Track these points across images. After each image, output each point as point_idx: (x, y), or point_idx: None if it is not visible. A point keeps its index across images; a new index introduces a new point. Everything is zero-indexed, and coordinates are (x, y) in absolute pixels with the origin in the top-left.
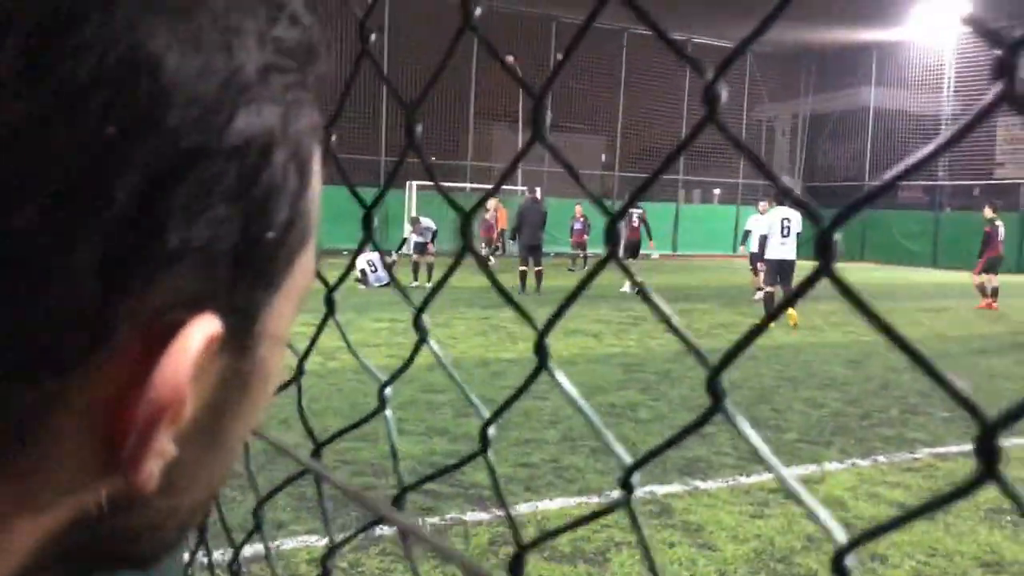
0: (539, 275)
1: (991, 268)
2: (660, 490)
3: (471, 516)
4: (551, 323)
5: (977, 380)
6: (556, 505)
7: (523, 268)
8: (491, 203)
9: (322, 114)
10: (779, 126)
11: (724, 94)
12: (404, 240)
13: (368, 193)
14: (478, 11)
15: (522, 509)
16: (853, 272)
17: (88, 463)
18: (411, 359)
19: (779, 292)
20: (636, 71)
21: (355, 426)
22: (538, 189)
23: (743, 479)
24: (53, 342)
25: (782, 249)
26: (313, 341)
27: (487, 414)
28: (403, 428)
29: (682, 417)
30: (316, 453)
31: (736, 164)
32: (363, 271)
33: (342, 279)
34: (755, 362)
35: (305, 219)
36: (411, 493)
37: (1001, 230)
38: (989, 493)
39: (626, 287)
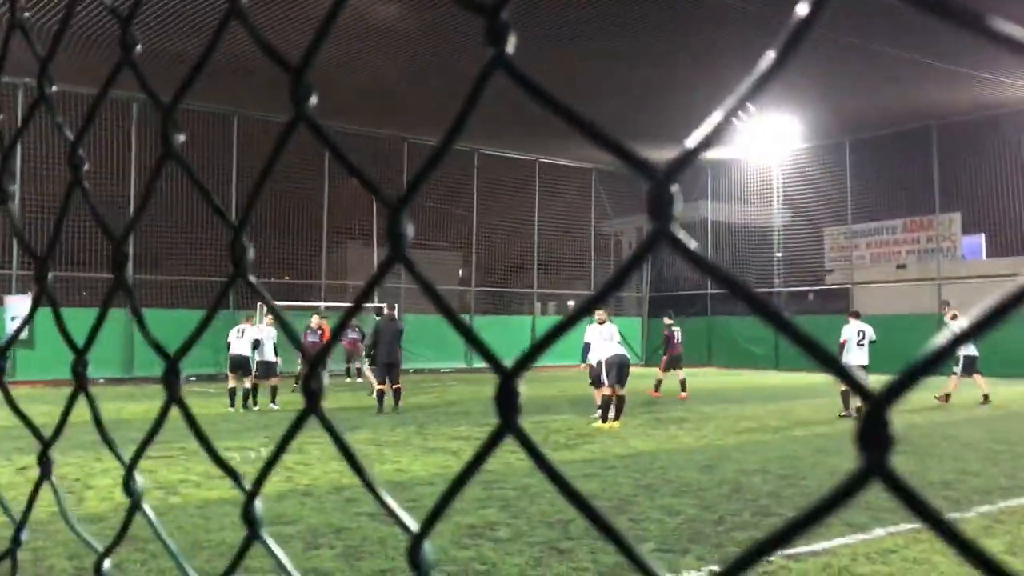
0: (397, 393)
1: (673, 365)
2: None
3: None
4: None
5: (819, 478)
6: None
7: (380, 387)
8: (314, 321)
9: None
10: (625, 239)
11: (679, 205)
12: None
13: (222, 316)
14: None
15: None
16: (701, 377)
17: None
18: (125, 527)
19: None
20: (488, 189)
21: None
22: (395, 306)
23: None
24: None
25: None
26: (30, 504)
27: None
28: (248, 565)
29: (541, 533)
30: None
31: (587, 276)
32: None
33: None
34: (613, 471)
35: None
36: None
37: (678, 334)
38: None
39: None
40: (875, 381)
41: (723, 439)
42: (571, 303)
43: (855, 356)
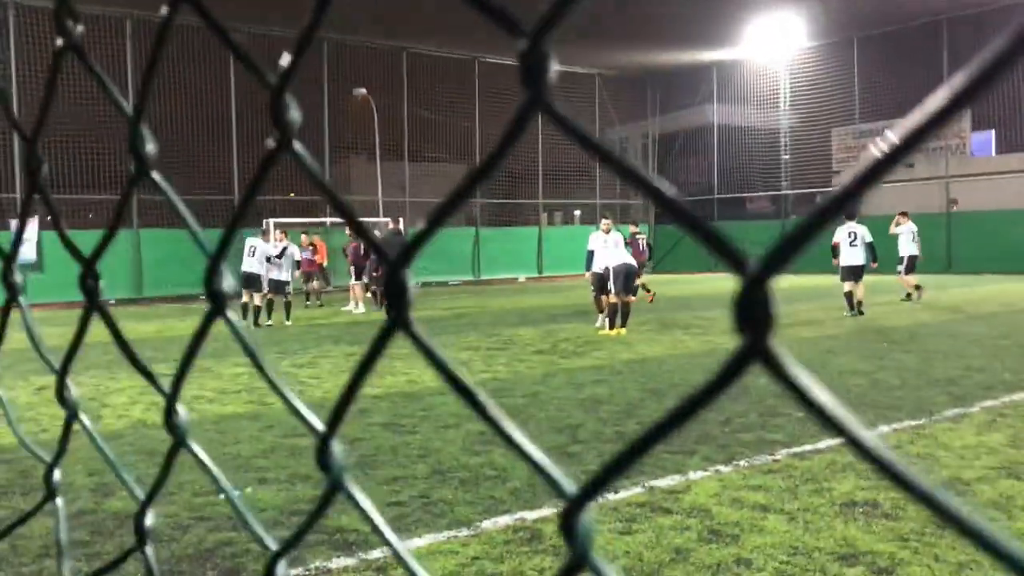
0: None
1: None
2: (530, 516)
3: (337, 563)
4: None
5: (828, 378)
6: (425, 542)
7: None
8: (304, 239)
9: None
10: (631, 146)
11: (554, 67)
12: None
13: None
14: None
15: (390, 550)
16: (708, 284)
17: None
18: (65, 439)
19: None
20: (491, 98)
21: (19, 522)
22: (401, 219)
23: (611, 496)
24: None
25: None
26: None
27: (142, 496)
28: (265, 476)
29: (550, 439)
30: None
31: (593, 184)
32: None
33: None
34: (621, 377)
35: None
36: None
37: (642, 241)
38: (843, 487)
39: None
40: (877, 281)
41: (729, 343)
42: (577, 212)
43: (847, 256)
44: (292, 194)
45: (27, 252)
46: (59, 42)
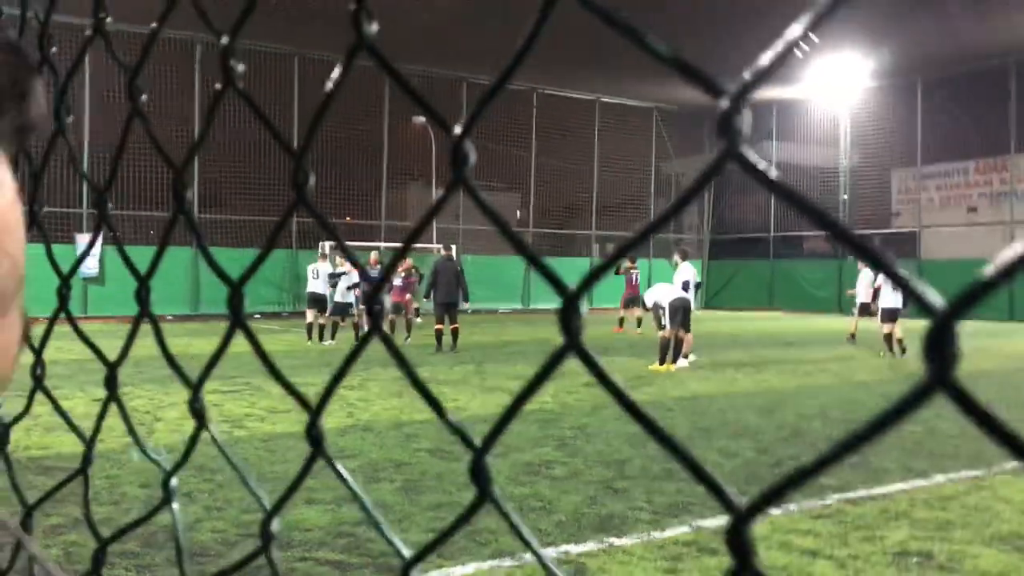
0: (455, 332)
1: (632, 303)
2: (575, 550)
3: None
4: (490, 440)
5: None
6: (469, 570)
7: (439, 327)
8: (373, 257)
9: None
10: (686, 181)
11: (748, 124)
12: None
13: (281, 255)
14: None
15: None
16: (762, 321)
17: None
18: (189, 449)
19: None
20: (547, 129)
21: (140, 522)
22: (453, 246)
23: (657, 534)
24: None
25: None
26: (99, 422)
27: (268, 504)
28: (312, 497)
29: (597, 473)
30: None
31: (647, 217)
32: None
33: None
34: (671, 413)
35: None
36: (318, 566)
37: (636, 275)
38: (896, 536)
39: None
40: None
41: (783, 383)
42: None
43: (888, 300)
44: (348, 218)
45: (91, 266)
46: (218, 85)
